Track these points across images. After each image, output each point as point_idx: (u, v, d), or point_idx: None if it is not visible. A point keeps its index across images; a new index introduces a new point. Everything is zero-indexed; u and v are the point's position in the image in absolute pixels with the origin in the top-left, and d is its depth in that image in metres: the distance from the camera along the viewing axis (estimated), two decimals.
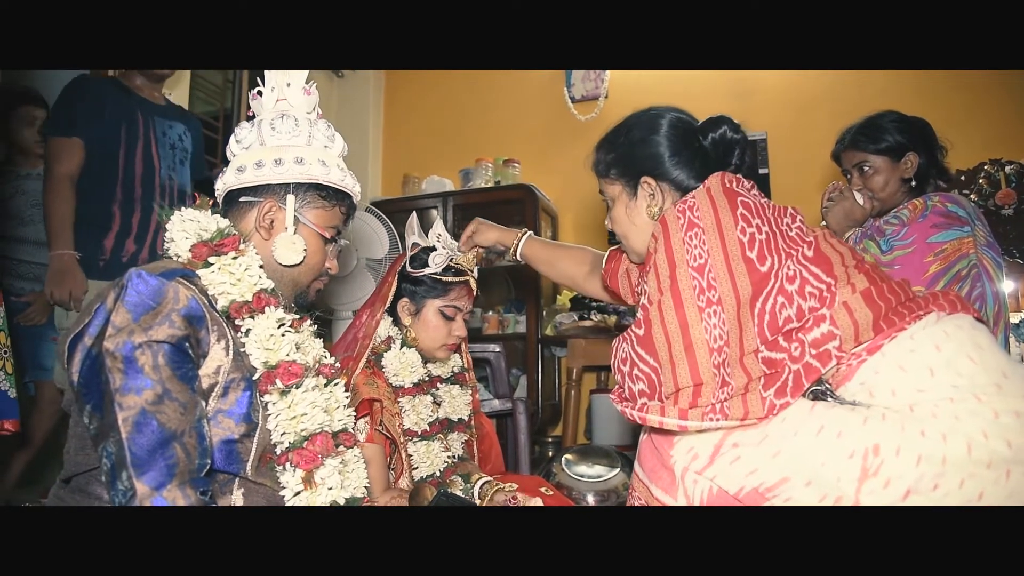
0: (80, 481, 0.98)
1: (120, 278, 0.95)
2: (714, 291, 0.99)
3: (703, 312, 0.98)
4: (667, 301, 1.01)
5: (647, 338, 1.02)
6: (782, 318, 0.99)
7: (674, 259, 1.02)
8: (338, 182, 1.14)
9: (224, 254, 1.05)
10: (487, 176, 3.82)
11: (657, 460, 1.04)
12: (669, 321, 1.00)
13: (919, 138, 1.74)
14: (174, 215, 1.08)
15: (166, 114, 2.33)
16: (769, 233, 1.03)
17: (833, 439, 0.92)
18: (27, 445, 2.47)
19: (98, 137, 2.11)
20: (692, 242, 1.02)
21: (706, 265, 1.00)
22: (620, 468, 2.38)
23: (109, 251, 2.11)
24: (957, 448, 0.88)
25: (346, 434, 1.10)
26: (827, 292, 1.01)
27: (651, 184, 1.21)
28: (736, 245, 1.00)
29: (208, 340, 0.98)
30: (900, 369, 0.97)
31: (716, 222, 1.03)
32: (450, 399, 1.66)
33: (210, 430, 0.95)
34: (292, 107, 1.14)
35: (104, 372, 0.88)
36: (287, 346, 1.04)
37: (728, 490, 0.95)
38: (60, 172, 2.05)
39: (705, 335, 0.97)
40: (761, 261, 1.00)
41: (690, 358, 0.97)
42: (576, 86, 3.92)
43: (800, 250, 1.04)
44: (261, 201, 1.11)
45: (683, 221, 1.05)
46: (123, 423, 0.85)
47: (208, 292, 1.02)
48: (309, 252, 1.13)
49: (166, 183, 2.24)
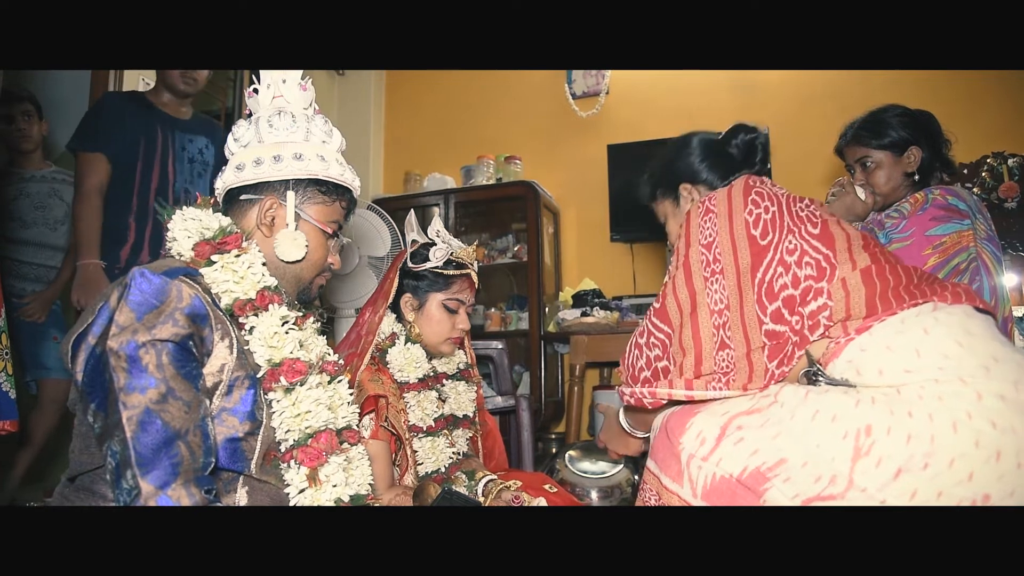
0: (85, 480, 0.98)
1: (123, 277, 0.94)
2: (718, 263, 1.09)
3: (707, 281, 1.09)
4: (680, 275, 1.12)
5: (663, 309, 1.13)
6: (778, 285, 1.06)
7: (689, 239, 1.14)
8: (337, 177, 1.14)
9: (227, 252, 1.04)
10: (489, 173, 3.82)
11: (668, 450, 1.06)
12: (680, 290, 1.11)
13: (923, 132, 1.72)
14: (175, 214, 1.08)
15: (188, 128, 2.37)
16: (776, 212, 1.11)
17: (828, 422, 0.95)
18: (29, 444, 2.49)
19: (118, 151, 2.20)
20: (705, 225, 1.13)
21: (713, 242, 1.10)
22: (623, 464, 2.38)
23: (124, 261, 2.18)
24: (943, 427, 0.90)
25: (350, 431, 1.09)
26: (825, 263, 1.06)
27: (688, 188, 1.37)
28: (742, 224, 1.10)
29: (212, 338, 0.97)
30: (887, 349, 1.00)
31: (728, 208, 1.13)
32: (455, 395, 1.66)
33: (214, 428, 0.95)
34: (289, 103, 1.13)
35: (108, 371, 0.88)
36: (291, 343, 1.03)
37: (732, 472, 0.97)
38: (89, 185, 2.16)
39: (707, 299, 1.08)
40: (763, 236, 1.09)
41: (694, 321, 1.07)
42: (577, 82, 3.91)
43: (804, 227, 1.10)
44: (261, 198, 1.11)
45: (701, 209, 1.15)
46: (127, 422, 0.85)
47: (211, 290, 1.01)
48: (311, 248, 1.13)
49: (180, 196, 2.29)
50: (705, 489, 0.99)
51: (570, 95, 3.90)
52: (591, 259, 3.87)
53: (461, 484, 1.53)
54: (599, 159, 3.75)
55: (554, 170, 3.91)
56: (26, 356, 2.47)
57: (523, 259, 3.63)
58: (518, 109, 4.07)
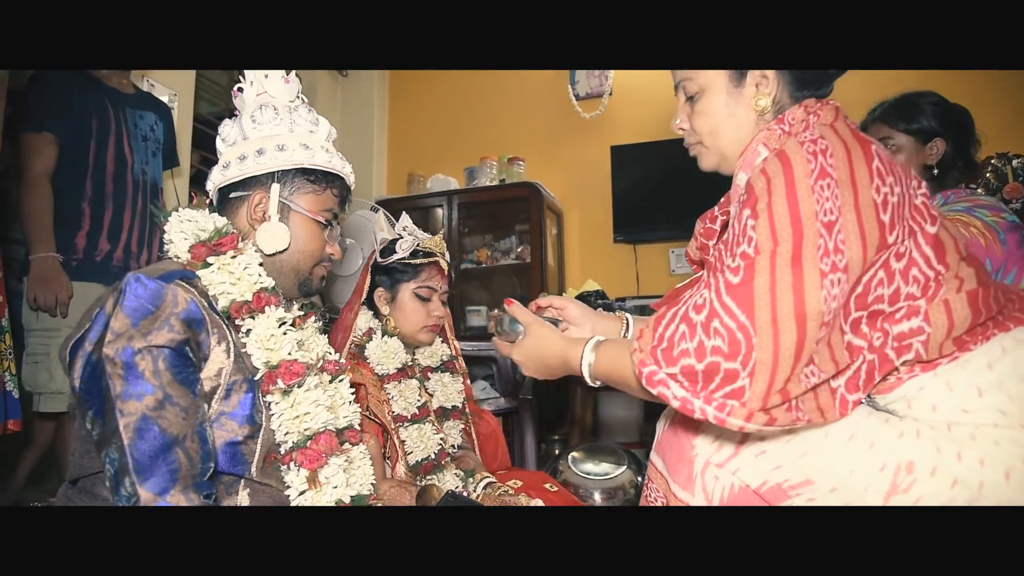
0: (87, 483, 0.98)
1: (119, 282, 0.94)
2: (841, 255, 0.82)
3: (825, 278, 0.80)
4: (784, 254, 0.81)
5: (745, 289, 0.82)
6: (873, 295, 0.86)
7: (799, 208, 0.83)
8: (324, 164, 1.13)
9: (223, 253, 1.04)
10: (492, 174, 3.82)
11: (677, 452, 0.98)
12: (782, 278, 0.81)
13: (953, 126, 1.63)
14: (172, 216, 1.07)
15: (136, 104, 2.22)
16: (901, 196, 0.87)
17: (865, 448, 0.86)
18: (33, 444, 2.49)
19: (67, 131, 1.99)
20: (824, 193, 0.83)
21: (836, 223, 0.82)
22: (627, 466, 2.38)
23: (81, 250, 2.02)
24: (994, 474, 0.82)
25: (351, 431, 1.09)
26: (932, 282, 0.88)
27: (765, 79, 1.00)
28: (871, 206, 0.84)
29: (208, 343, 0.97)
30: (946, 386, 0.89)
31: (851, 175, 0.85)
32: (442, 387, 1.69)
33: (213, 433, 0.95)
34: (273, 98, 1.13)
35: (104, 378, 0.87)
36: (288, 345, 1.03)
37: (750, 484, 0.90)
38: (37, 170, 1.93)
39: (822, 306, 0.80)
40: (891, 228, 0.85)
41: (799, 329, 0.79)
42: (580, 83, 3.91)
43: (923, 227, 0.90)
44: (250, 194, 1.11)
45: (814, 166, 0.85)
46: (124, 429, 0.85)
47: (208, 293, 1.01)
48: (305, 238, 1.12)
49: (139, 177, 2.15)
50: (723, 502, 0.92)
51: (573, 96, 3.88)
52: (594, 260, 3.87)
53: (450, 474, 1.54)
54: (602, 160, 3.75)
55: (557, 171, 3.91)
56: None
57: (526, 260, 3.63)
58: (521, 110, 4.07)
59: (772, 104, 1.00)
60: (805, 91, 1.01)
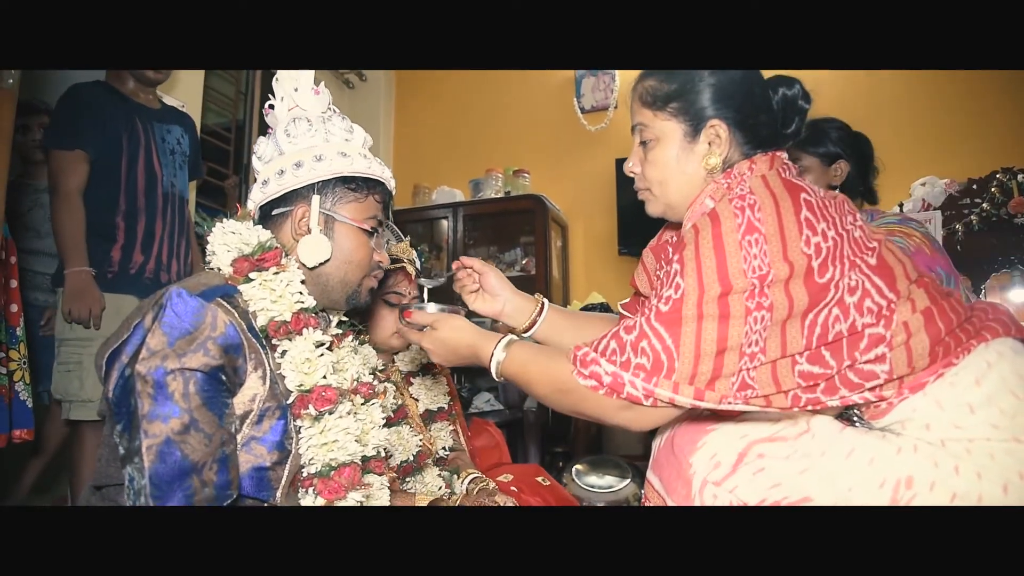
0: (110, 492, 0.98)
1: (160, 294, 0.93)
2: (766, 298, 0.87)
3: (749, 315, 0.87)
4: (713, 289, 0.88)
5: (674, 316, 0.89)
6: (833, 332, 0.90)
7: (726, 262, 0.88)
8: (364, 170, 1.10)
9: (265, 269, 1.02)
10: (497, 186, 3.84)
11: (674, 471, 0.99)
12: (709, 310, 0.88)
13: (856, 150, 1.78)
14: (215, 227, 1.06)
15: (163, 118, 2.28)
16: (835, 239, 0.91)
17: (864, 465, 0.88)
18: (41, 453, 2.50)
19: (99, 148, 2.05)
20: (752, 250, 0.88)
21: (767, 277, 0.87)
22: (631, 479, 2.38)
23: (117, 263, 2.08)
24: (992, 488, 0.84)
25: (377, 460, 1.08)
26: (887, 310, 0.92)
27: (721, 129, 1.03)
28: (801, 257, 0.88)
29: (245, 368, 0.95)
30: (937, 405, 0.92)
31: (779, 229, 0.89)
32: (425, 390, 1.67)
33: (238, 459, 0.94)
34: (305, 111, 1.12)
35: (134, 396, 0.87)
36: (322, 369, 1.01)
37: (748, 502, 0.91)
38: (68, 187, 2.00)
39: (742, 339, 0.87)
40: (822, 273, 0.89)
41: (717, 359, 0.87)
42: (586, 96, 3.93)
43: (864, 258, 0.94)
44: (292, 209, 1.08)
45: (741, 221, 0.90)
46: (147, 451, 0.84)
47: (248, 309, 1.00)
48: (352, 248, 1.10)
49: (168, 190, 2.20)
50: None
51: (579, 109, 3.92)
52: (599, 273, 3.87)
53: (432, 475, 1.52)
54: (607, 173, 3.76)
55: (562, 184, 3.93)
56: (40, 367, 2.49)
57: (531, 272, 3.64)
58: (527, 122, 4.09)
59: (722, 164, 1.04)
60: (757, 150, 1.05)
